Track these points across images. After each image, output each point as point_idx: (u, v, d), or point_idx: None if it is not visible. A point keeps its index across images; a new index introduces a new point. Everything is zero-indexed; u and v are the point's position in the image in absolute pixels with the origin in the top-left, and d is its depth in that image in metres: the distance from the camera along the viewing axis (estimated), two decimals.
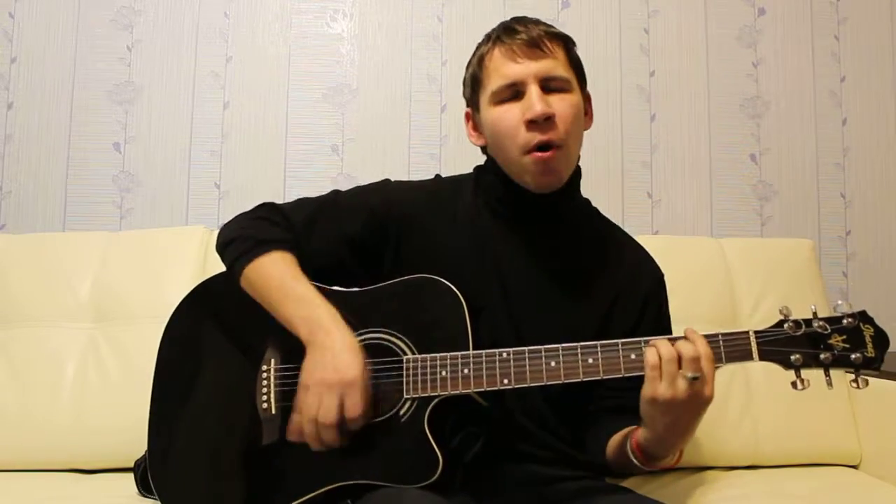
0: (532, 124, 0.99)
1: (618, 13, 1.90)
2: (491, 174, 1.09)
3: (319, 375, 0.92)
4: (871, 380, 1.40)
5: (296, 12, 1.87)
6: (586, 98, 1.08)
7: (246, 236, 1.06)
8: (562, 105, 1.00)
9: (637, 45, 1.90)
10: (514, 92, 1.01)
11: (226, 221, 1.12)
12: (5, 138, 1.79)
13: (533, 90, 0.99)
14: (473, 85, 1.08)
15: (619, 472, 1.08)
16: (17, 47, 1.81)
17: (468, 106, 1.11)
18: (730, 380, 1.45)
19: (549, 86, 1.00)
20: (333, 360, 0.92)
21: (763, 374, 1.46)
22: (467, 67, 1.10)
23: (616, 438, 1.00)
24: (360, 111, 1.85)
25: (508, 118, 1.01)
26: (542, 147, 0.99)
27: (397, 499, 0.87)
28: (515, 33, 1.01)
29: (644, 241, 1.18)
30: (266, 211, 1.11)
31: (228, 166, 1.82)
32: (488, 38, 1.06)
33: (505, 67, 1.01)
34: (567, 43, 1.05)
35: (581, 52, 1.07)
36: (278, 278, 1.01)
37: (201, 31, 1.84)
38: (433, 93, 1.86)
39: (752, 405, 1.44)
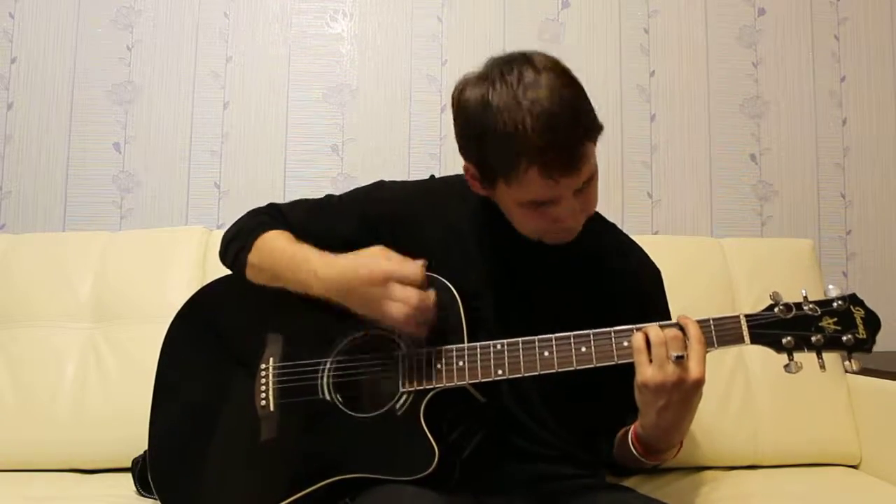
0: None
1: (618, 13, 1.89)
2: (497, 213, 1.01)
3: (361, 297, 0.94)
4: (870, 380, 1.44)
5: (296, 12, 1.87)
6: None
7: (243, 230, 1.09)
8: (589, 196, 0.96)
9: (637, 45, 1.89)
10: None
11: (225, 221, 1.13)
12: (5, 138, 1.79)
13: (567, 202, 0.92)
14: (485, 168, 0.94)
15: (627, 469, 1.08)
16: (17, 47, 1.81)
17: (467, 161, 0.97)
18: (730, 380, 1.45)
19: (582, 187, 0.93)
20: (357, 278, 0.94)
21: (763, 374, 1.46)
22: (470, 134, 0.93)
23: (621, 433, 1.00)
24: (360, 111, 1.85)
25: (536, 219, 0.95)
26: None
27: (396, 497, 0.87)
28: (551, 150, 0.87)
29: (644, 241, 1.17)
30: (264, 208, 1.14)
31: (228, 166, 1.82)
32: (515, 124, 0.86)
33: (541, 186, 0.90)
34: (598, 132, 0.96)
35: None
36: (280, 249, 1.03)
37: (201, 31, 1.84)
38: (433, 93, 1.86)
39: (752, 405, 1.44)
